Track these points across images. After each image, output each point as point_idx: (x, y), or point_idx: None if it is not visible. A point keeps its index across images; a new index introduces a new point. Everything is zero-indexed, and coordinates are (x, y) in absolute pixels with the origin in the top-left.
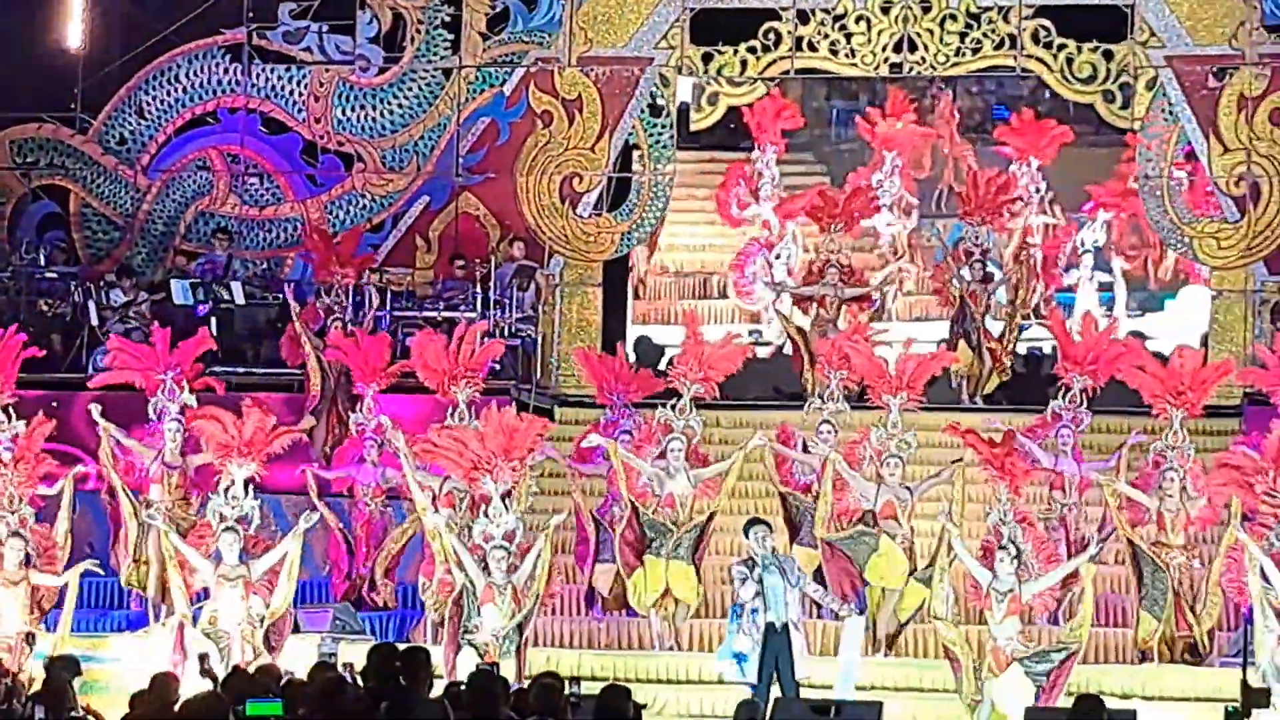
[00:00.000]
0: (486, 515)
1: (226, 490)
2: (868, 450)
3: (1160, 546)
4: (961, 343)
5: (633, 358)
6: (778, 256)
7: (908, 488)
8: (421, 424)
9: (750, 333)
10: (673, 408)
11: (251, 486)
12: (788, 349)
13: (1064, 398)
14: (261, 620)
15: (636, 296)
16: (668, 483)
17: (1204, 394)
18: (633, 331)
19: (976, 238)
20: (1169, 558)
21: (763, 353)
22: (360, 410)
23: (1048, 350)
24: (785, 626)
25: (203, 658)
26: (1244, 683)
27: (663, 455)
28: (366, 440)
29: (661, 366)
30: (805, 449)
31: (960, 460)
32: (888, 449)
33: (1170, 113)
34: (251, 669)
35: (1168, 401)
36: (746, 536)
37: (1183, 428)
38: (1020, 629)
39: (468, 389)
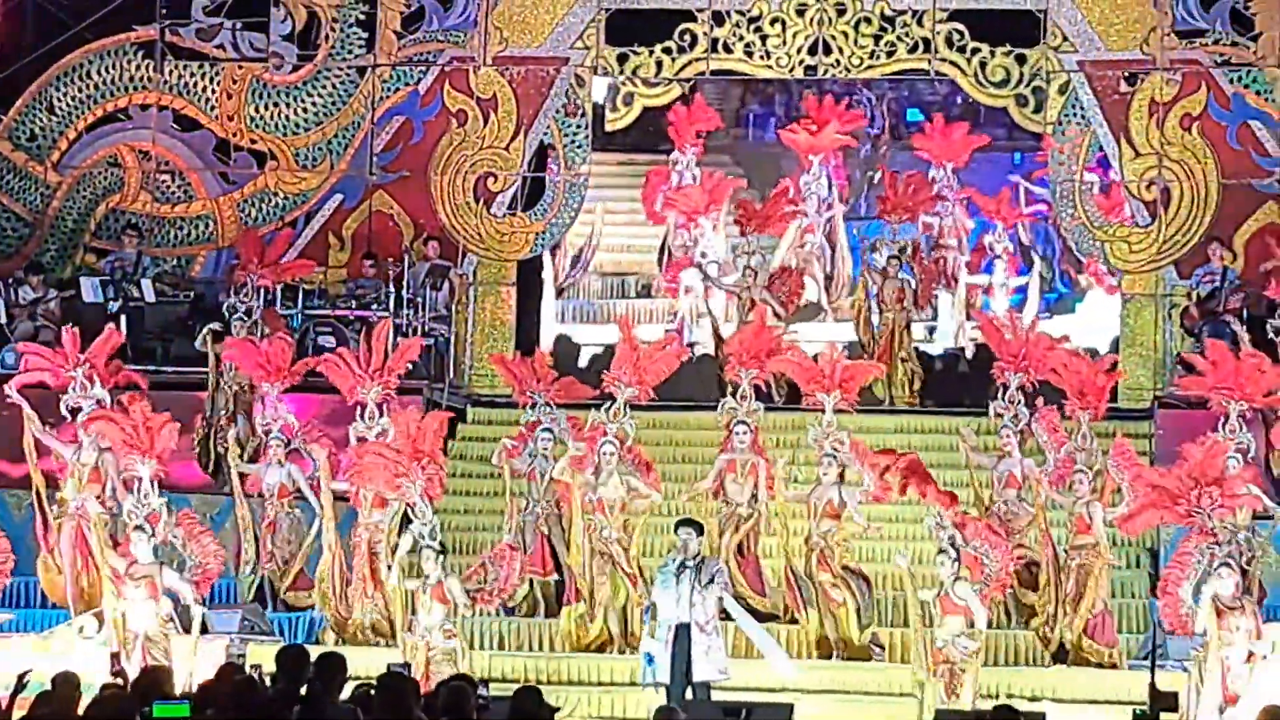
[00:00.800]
0: (414, 518)
1: (138, 489)
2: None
3: (1073, 549)
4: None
5: (551, 360)
6: (704, 255)
7: (836, 484)
8: (328, 422)
9: (665, 332)
10: (606, 411)
11: (157, 484)
12: (705, 349)
13: (1003, 397)
14: (171, 620)
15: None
16: (599, 487)
17: (1101, 397)
18: (549, 330)
19: (894, 237)
20: (1069, 560)
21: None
22: (264, 411)
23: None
24: (687, 627)
25: (114, 657)
26: (1152, 685)
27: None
28: (272, 440)
29: (582, 364)
30: None
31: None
32: (822, 448)
33: (1082, 117)
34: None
35: (1075, 404)
36: (676, 534)
37: (1089, 429)
38: (961, 630)
39: (375, 388)
